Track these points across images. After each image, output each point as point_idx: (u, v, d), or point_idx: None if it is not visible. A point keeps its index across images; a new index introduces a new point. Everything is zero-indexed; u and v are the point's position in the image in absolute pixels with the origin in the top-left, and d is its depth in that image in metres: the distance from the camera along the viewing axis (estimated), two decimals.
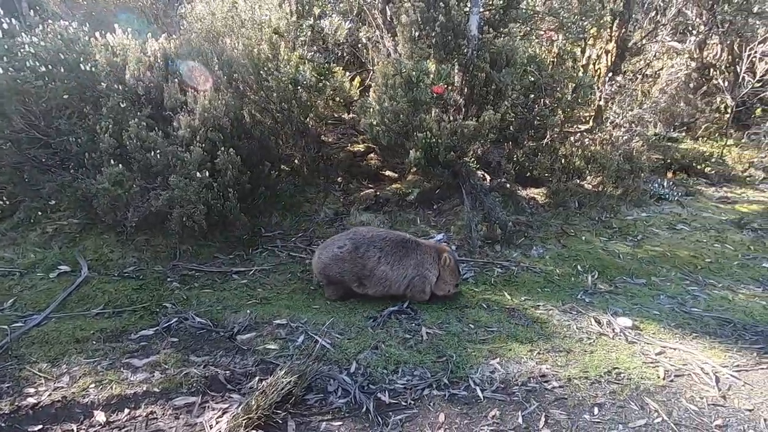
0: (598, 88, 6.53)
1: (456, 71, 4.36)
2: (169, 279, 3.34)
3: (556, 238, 4.21)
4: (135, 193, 3.43)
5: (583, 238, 4.19)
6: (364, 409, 2.13)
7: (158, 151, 3.49)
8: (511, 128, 5.21)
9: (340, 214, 4.64)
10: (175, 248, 3.72)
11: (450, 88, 4.46)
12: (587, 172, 5.16)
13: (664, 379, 2.43)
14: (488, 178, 4.98)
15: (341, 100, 5.21)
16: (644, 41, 9.86)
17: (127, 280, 3.24)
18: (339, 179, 5.18)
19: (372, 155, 5.50)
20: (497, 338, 2.73)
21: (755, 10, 7.64)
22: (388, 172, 5.44)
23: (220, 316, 2.88)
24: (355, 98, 5.19)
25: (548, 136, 5.35)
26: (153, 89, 3.97)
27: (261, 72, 4.55)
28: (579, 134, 5.33)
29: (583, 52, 8.04)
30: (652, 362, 2.56)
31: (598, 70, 8.34)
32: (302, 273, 3.56)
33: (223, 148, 3.73)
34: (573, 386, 2.34)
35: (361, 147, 5.49)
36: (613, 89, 5.96)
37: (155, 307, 2.94)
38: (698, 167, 5.96)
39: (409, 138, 4.03)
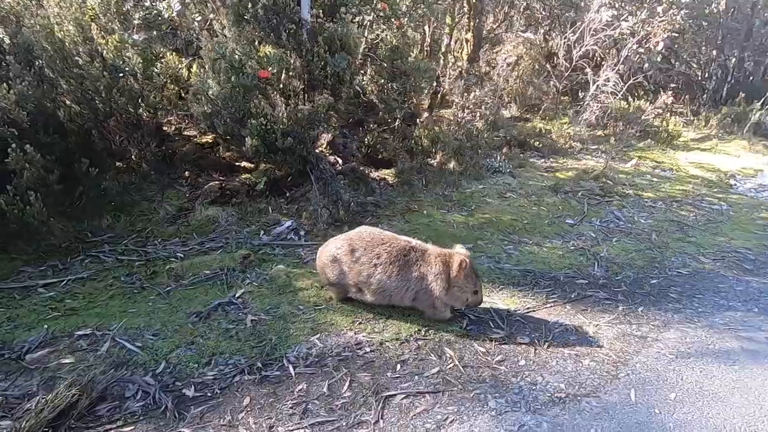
0: (443, 74, 7.04)
1: (293, 56, 4.33)
2: None
3: (401, 214, 4.47)
4: None
5: (425, 212, 4.51)
6: (162, 408, 2.03)
7: None
8: (372, 112, 5.39)
9: (184, 210, 4.35)
10: None
11: (290, 73, 4.43)
12: (434, 151, 5.56)
13: (465, 328, 2.73)
14: (340, 162, 5.08)
15: (176, 88, 4.84)
16: (499, 31, 10.82)
17: None
18: (186, 173, 4.85)
19: (224, 145, 5.24)
20: (323, 315, 2.81)
21: (582, 4, 8.86)
22: (244, 163, 5.24)
23: (9, 336, 2.52)
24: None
25: (398, 120, 5.63)
26: None
27: (76, 57, 4.03)
28: (425, 116, 5.69)
29: (436, 40, 8.57)
30: (459, 315, 2.86)
31: (460, 58, 9.02)
32: (127, 276, 3.27)
33: (14, 145, 3.22)
34: (383, 349, 2.51)
35: (209, 138, 5.20)
36: (455, 74, 6.46)
37: None
38: (531, 142, 6.78)
39: (245, 125, 3.91)
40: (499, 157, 5.88)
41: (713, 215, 4.86)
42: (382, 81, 5.81)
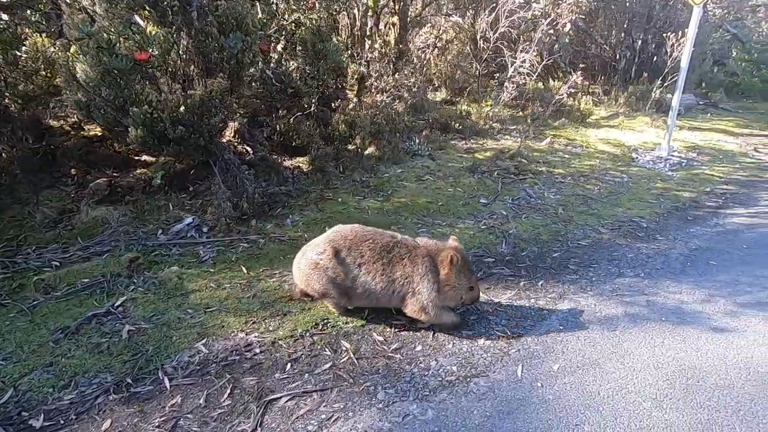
0: (363, 58, 6.87)
1: (184, 36, 3.95)
2: None
3: (315, 203, 4.29)
4: None
5: (340, 199, 4.37)
6: None
7: None
8: (286, 97, 5.09)
9: (67, 213, 3.88)
10: None
11: (182, 56, 4.05)
12: (352, 136, 5.40)
13: (366, 318, 2.64)
14: (250, 151, 4.79)
15: (50, 75, 4.27)
16: (425, 14, 10.73)
17: None
18: (72, 170, 4.34)
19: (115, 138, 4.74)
20: (214, 317, 2.60)
21: None
22: (145, 157, 4.79)
23: None
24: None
25: (314, 105, 5.40)
26: None
27: None
28: (340, 101, 5.50)
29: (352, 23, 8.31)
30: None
31: (388, 42, 8.85)
32: None
33: None
34: (275, 348, 2.36)
35: (99, 130, 4.68)
36: (373, 56, 6.31)
37: None
38: (453, 124, 6.83)
39: (127, 114, 3.51)
40: (418, 140, 5.85)
41: (615, 187, 5.16)
42: (296, 64, 5.55)
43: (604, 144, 6.92)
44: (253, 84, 4.95)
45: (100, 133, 4.66)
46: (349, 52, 7.26)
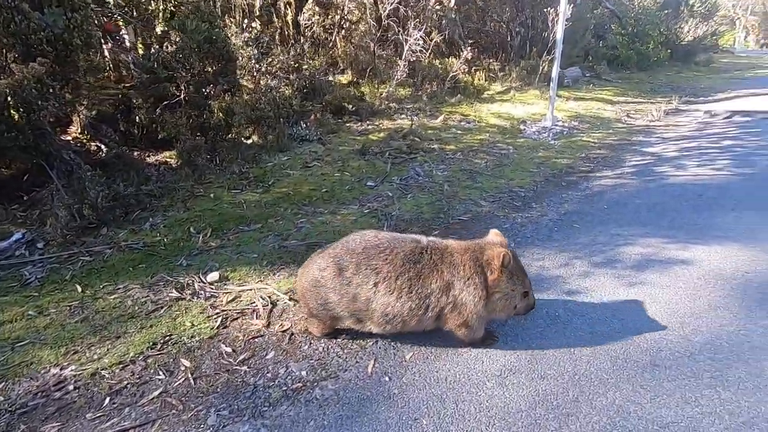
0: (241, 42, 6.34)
1: None
2: None
3: (183, 201, 3.86)
4: None
5: (212, 195, 3.98)
6: None
7: None
8: (151, 85, 4.49)
9: None
10: None
11: None
12: (229, 124, 4.95)
13: (218, 328, 2.36)
14: (104, 148, 4.18)
15: None
16: None
17: None
18: None
19: None
20: (24, 353, 2.16)
21: None
22: None
23: None
24: None
25: (182, 92, 4.84)
26: None
27: None
28: (215, 86, 5.00)
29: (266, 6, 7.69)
30: (216, 314, 2.48)
31: (287, 23, 8.28)
32: None
33: None
34: (95, 381, 2.00)
35: None
36: (250, 37, 5.83)
37: None
38: (348, 106, 6.60)
39: None
40: (306, 125, 5.55)
41: (501, 159, 5.30)
42: (159, 47, 4.94)
43: (496, 118, 7.13)
44: (100, 69, 4.30)
45: None
46: (245, 35, 6.68)
